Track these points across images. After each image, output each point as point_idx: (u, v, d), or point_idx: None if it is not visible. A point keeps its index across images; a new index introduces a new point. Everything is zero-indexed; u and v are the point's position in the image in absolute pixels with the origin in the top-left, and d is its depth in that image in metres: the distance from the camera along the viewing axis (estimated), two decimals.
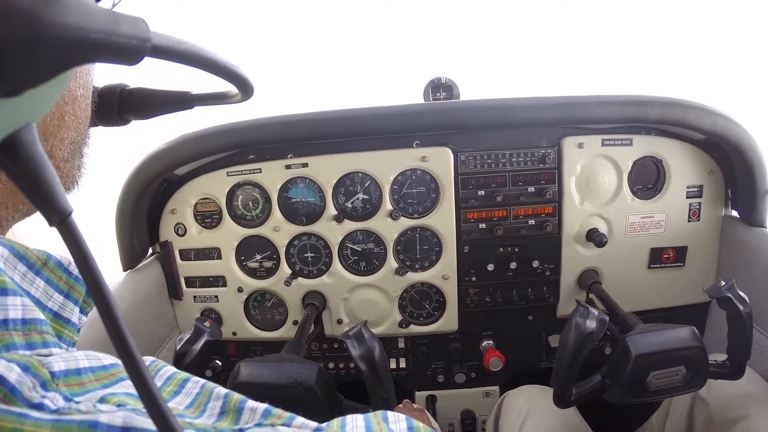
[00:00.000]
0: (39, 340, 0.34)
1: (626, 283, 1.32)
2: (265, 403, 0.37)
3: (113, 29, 0.25)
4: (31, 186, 0.26)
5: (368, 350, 0.96)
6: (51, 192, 0.26)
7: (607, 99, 1.17)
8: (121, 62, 0.27)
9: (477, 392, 1.47)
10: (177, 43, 0.31)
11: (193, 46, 0.33)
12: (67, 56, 0.23)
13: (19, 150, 0.26)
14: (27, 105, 0.26)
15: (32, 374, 0.28)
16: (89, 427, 0.27)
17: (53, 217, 0.26)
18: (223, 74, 0.40)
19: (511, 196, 1.27)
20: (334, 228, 1.29)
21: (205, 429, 0.32)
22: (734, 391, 1.01)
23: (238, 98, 0.50)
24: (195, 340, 1.02)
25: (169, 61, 0.32)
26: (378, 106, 1.20)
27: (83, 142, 0.43)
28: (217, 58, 0.37)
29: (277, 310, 1.40)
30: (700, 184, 1.28)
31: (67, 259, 0.41)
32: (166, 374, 0.40)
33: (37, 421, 0.26)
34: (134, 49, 0.27)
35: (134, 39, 0.26)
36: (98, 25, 0.24)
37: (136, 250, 1.29)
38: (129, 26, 0.26)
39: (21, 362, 0.28)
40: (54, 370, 0.30)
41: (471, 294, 1.35)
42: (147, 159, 1.20)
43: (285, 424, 0.35)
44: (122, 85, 0.51)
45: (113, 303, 0.26)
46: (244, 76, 0.43)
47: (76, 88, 0.38)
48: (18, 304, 0.33)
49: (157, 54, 0.29)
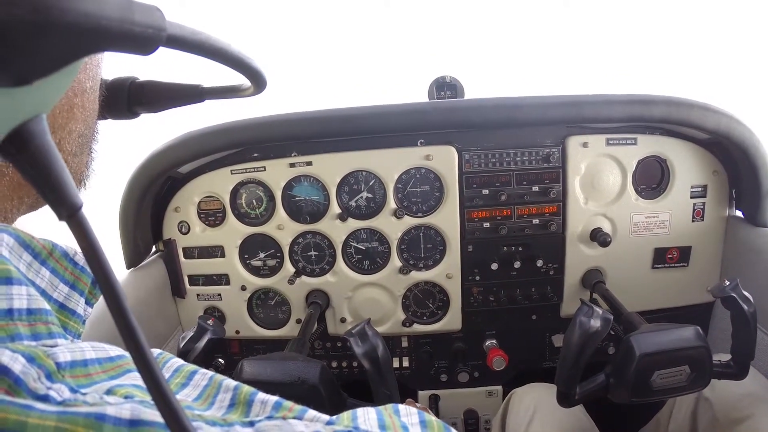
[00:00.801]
0: (44, 331, 0.34)
1: (630, 283, 1.32)
2: (276, 396, 0.36)
3: (127, 17, 0.24)
4: (40, 178, 0.25)
5: (372, 348, 0.96)
6: (61, 185, 0.25)
7: (612, 98, 1.17)
8: (135, 52, 0.26)
9: (480, 392, 1.47)
10: (192, 34, 0.31)
11: (208, 37, 0.33)
12: (78, 44, 0.23)
13: (29, 141, 0.25)
14: (37, 95, 0.26)
15: (37, 365, 0.28)
16: (96, 419, 0.26)
17: (62, 210, 0.25)
18: (237, 66, 0.39)
19: (515, 196, 1.27)
20: (338, 226, 1.29)
21: (214, 421, 0.32)
22: (738, 390, 1.00)
23: (251, 91, 0.49)
24: (198, 338, 1.02)
25: (182, 52, 0.31)
26: (382, 105, 1.20)
27: (92, 136, 0.43)
28: (231, 50, 0.36)
29: (281, 308, 1.40)
30: (705, 184, 1.28)
31: (72, 249, 0.41)
32: (173, 366, 0.39)
33: (42, 413, 0.25)
34: (149, 39, 0.26)
35: (150, 28, 0.25)
36: (111, 12, 0.23)
37: (139, 248, 1.29)
38: (144, 14, 0.25)
39: (26, 353, 0.28)
40: (60, 361, 0.30)
41: (475, 293, 1.35)
42: (151, 156, 1.20)
43: (297, 417, 0.34)
44: (132, 77, 0.51)
45: (123, 298, 0.25)
46: (258, 69, 0.42)
47: (85, 79, 0.37)
48: (23, 294, 0.33)
49: (172, 44, 0.29)
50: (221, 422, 0.32)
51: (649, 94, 1.18)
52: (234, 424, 0.32)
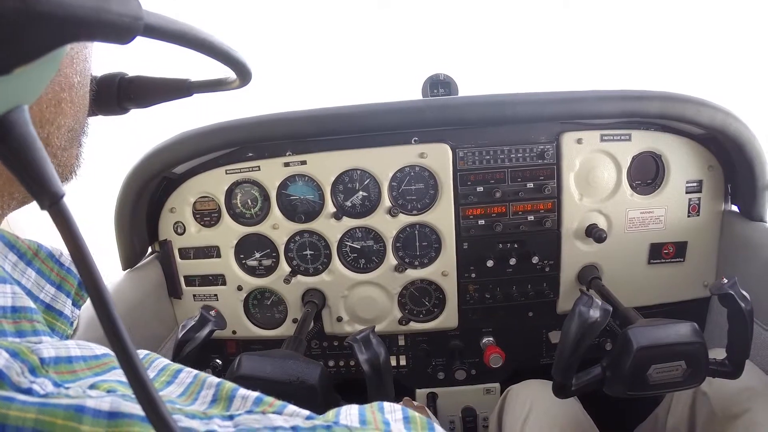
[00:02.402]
0: (29, 329, 0.34)
1: (626, 279, 1.32)
2: (257, 392, 0.36)
3: (103, 6, 0.24)
4: (22, 167, 0.25)
5: (375, 355, 0.96)
6: (42, 174, 0.26)
7: (606, 94, 1.17)
8: (112, 41, 0.27)
9: (478, 389, 1.47)
10: (171, 23, 0.31)
11: (189, 27, 0.33)
12: (54, 33, 0.23)
13: (10, 131, 0.25)
14: (18, 85, 0.26)
15: (21, 360, 0.28)
16: (75, 411, 0.27)
17: (44, 199, 0.26)
18: (220, 57, 0.39)
19: (510, 192, 1.27)
20: (333, 225, 1.29)
21: (194, 414, 0.32)
22: (735, 385, 1.00)
23: (237, 84, 0.49)
24: (199, 328, 1.01)
25: (162, 41, 0.31)
26: (376, 103, 1.20)
27: (81, 130, 0.43)
28: (213, 40, 0.36)
29: (277, 308, 1.40)
30: (700, 179, 1.28)
31: (58, 250, 0.41)
32: (159, 365, 0.39)
33: (23, 405, 0.26)
34: (126, 28, 0.26)
35: (125, 17, 0.26)
36: (87, 2, 0.23)
37: (135, 249, 1.29)
38: (120, 4, 0.25)
39: (9, 348, 0.28)
40: (44, 357, 0.30)
41: (471, 290, 1.35)
42: (146, 157, 1.20)
43: (276, 411, 0.35)
44: (121, 73, 0.51)
45: (103, 285, 0.26)
46: (242, 60, 0.42)
47: (72, 74, 0.37)
48: (8, 292, 0.33)
49: (150, 33, 0.29)
50: (201, 415, 0.32)
51: (644, 90, 1.18)
52: (213, 417, 0.32)
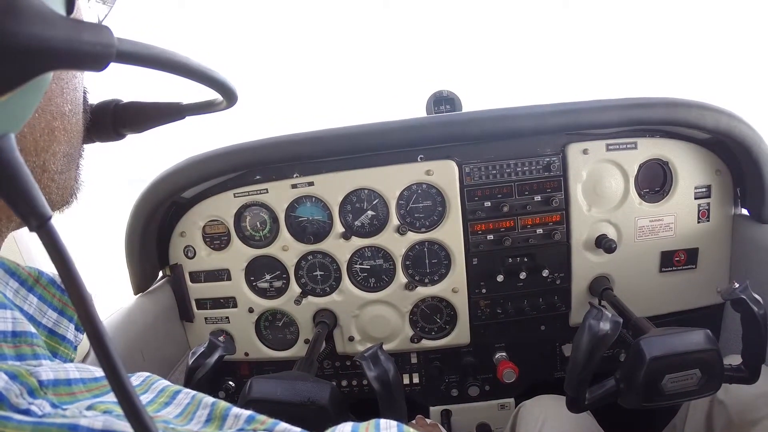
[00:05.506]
0: (29, 352, 0.35)
1: (638, 288, 1.31)
2: (249, 410, 0.37)
3: (75, 37, 0.26)
4: (9, 190, 0.27)
5: (383, 372, 0.96)
6: (29, 196, 0.27)
7: (609, 103, 1.17)
8: (86, 68, 0.28)
9: (492, 405, 1.45)
10: (144, 48, 0.32)
11: (163, 51, 0.34)
12: (30, 64, 0.25)
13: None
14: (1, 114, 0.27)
15: (20, 382, 0.29)
16: (69, 430, 0.27)
17: (32, 221, 0.27)
18: (200, 79, 0.40)
19: (517, 206, 1.27)
20: (342, 245, 1.29)
21: None
22: (752, 392, 0.99)
23: (224, 105, 0.49)
24: (209, 354, 1.01)
25: (138, 66, 0.32)
26: (381, 122, 1.21)
27: (78, 154, 0.44)
28: (190, 63, 0.37)
29: (289, 329, 1.39)
30: (708, 184, 1.27)
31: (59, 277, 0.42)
32: (158, 387, 0.40)
33: (18, 424, 0.26)
34: (98, 55, 0.28)
35: (98, 45, 0.27)
36: (59, 34, 0.25)
37: (146, 274, 1.30)
38: (91, 33, 0.27)
39: (9, 371, 0.29)
40: (42, 379, 0.31)
41: (482, 306, 1.34)
42: (155, 182, 1.21)
43: (267, 429, 0.35)
44: (116, 100, 0.52)
45: (91, 302, 0.27)
46: (223, 80, 0.43)
47: (63, 104, 0.39)
48: (8, 317, 0.34)
49: (124, 59, 0.30)
50: None
51: (647, 97, 1.18)
52: None
